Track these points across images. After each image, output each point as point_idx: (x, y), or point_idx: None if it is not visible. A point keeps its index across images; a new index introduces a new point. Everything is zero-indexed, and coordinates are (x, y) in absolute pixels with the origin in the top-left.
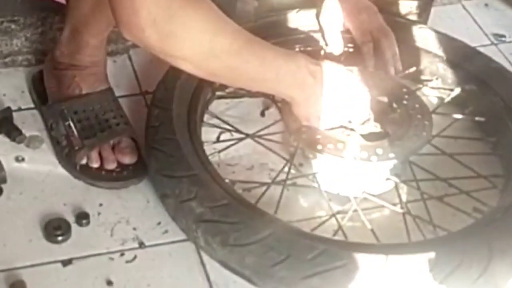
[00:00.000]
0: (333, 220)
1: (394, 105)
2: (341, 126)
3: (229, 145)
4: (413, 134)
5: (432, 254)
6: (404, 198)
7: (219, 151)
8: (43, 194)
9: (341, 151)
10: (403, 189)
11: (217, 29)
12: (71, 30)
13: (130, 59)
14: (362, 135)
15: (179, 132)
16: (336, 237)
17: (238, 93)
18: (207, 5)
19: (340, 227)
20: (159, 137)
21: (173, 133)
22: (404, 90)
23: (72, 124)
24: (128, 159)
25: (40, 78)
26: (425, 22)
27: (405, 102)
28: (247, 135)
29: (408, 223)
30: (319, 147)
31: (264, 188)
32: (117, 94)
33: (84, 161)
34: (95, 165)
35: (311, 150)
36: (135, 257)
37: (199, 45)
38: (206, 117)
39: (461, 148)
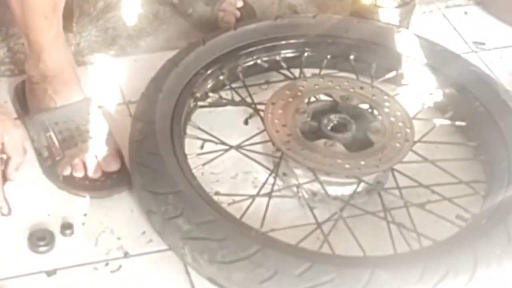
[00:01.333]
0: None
1: (376, 112)
2: (323, 136)
3: (213, 158)
4: (396, 142)
5: (419, 266)
6: (387, 206)
7: (203, 164)
8: (26, 204)
9: (324, 163)
10: (386, 197)
11: None
12: (25, 39)
13: (113, 68)
14: (345, 145)
15: (163, 147)
16: (322, 250)
17: (220, 102)
18: None
19: (325, 238)
20: (143, 152)
21: (156, 147)
22: (385, 97)
23: (53, 135)
24: (111, 167)
25: (23, 88)
26: None
27: (386, 109)
28: (231, 147)
29: (392, 230)
30: (302, 158)
31: (249, 199)
32: (100, 103)
33: (68, 171)
34: (79, 174)
35: (295, 161)
36: (119, 267)
37: None
38: (189, 128)
39: (443, 154)
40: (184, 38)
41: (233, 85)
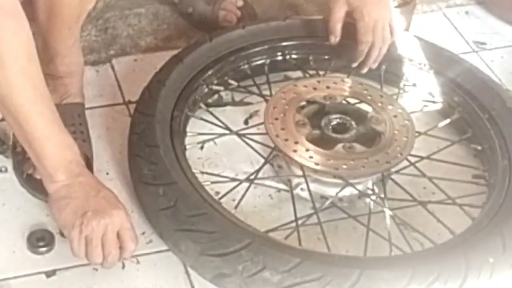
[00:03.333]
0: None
1: (376, 113)
2: (333, 141)
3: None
4: (400, 126)
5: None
6: (389, 205)
7: (236, 207)
8: (26, 205)
9: (358, 167)
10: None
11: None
12: (41, 40)
13: (112, 68)
14: (358, 140)
15: (202, 206)
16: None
17: (221, 102)
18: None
19: (390, 244)
20: (181, 216)
21: (196, 208)
22: (360, 85)
23: None
24: None
25: None
26: (406, 30)
27: (369, 97)
28: (242, 181)
29: (393, 229)
30: (334, 169)
31: (293, 225)
32: (100, 103)
33: (30, 171)
34: (39, 176)
35: (331, 175)
36: (119, 267)
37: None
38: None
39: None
40: (184, 38)
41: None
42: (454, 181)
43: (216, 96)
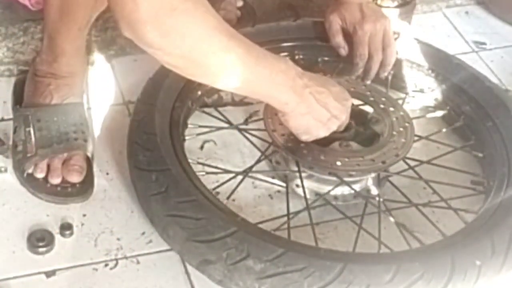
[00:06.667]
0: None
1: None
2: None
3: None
4: (399, 127)
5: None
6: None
7: (228, 198)
8: (26, 205)
9: (352, 164)
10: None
11: (215, 26)
12: (47, 38)
13: (113, 68)
14: (356, 139)
15: (194, 193)
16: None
17: (220, 102)
18: (204, 2)
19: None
20: (172, 203)
21: (189, 194)
22: (363, 87)
23: (32, 131)
24: (72, 178)
25: (23, 82)
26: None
27: (371, 98)
28: (238, 173)
29: (386, 230)
30: (330, 164)
31: (290, 222)
32: (100, 104)
33: (30, 170)
34: (39, 175)
35: (324, 170)
36: (119, 267)
37: (198, 42)
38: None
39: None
40: None
41: None
42: (451, 185)
43: (216, 96)
